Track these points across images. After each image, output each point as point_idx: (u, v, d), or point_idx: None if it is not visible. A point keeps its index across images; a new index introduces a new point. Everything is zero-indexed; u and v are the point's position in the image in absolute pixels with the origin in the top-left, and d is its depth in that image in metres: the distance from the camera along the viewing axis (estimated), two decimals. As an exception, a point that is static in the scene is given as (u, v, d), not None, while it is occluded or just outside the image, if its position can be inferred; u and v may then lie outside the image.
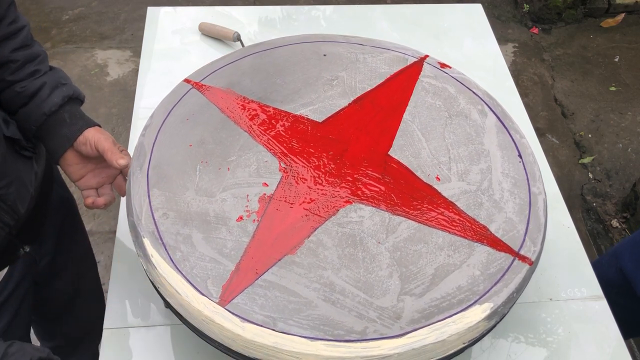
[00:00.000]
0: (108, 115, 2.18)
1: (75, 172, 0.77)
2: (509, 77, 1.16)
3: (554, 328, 0.81)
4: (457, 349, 0.61)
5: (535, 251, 0.67)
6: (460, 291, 0.63)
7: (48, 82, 0.74)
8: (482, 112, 0.82)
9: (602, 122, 2.22)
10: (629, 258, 1.06)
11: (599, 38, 2.59)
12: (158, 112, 0.78)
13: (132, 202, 0.68)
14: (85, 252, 1.08)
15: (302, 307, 0.61)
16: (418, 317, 0.61)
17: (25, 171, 0.77)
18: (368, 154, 0.76)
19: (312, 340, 0.58)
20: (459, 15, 1.31)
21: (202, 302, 0.60)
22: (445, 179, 0.73)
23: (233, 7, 1.30)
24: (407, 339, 0.59)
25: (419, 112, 0.81)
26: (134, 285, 0.82)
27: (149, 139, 0.75)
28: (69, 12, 2.60)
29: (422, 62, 0.88)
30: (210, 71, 0.84)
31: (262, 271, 0.63)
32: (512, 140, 0.78)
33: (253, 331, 0.58)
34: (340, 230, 0.67)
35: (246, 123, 0.78)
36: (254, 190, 0.70)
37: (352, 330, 0.59)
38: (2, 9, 0.72)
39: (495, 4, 2.67)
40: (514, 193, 0.72)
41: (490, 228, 0.69)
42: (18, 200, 0.75)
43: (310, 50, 0.89)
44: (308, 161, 0.74)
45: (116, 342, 0.77)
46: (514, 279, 0.64)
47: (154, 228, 0.66)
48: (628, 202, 1.94)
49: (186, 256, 0.64)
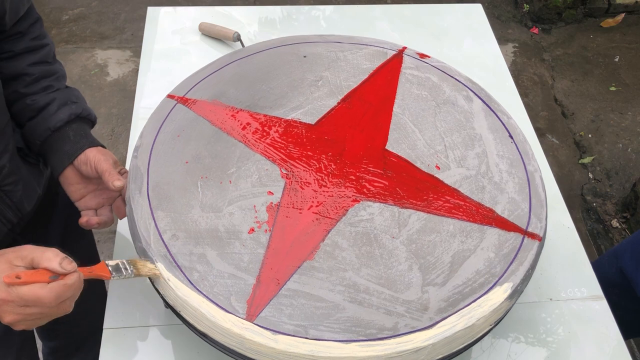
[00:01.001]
0: (108, 115, 2.17)
1: (76, 192, 0.76)
2: (509, 77, 1.16)
3: (554, 328, 0.81)
4: (484, 332, 0.63)
5: (541, 227, 0.69)
6: (479, 275, 0.64)
7: (58, 98, 0.75)
8: (468, 97, 0.84)
9: (602, 122, 2.21)
10: (630, 258, 1.05)
11: (599, 38, 2.58)
12: (147, 131, 0.76)
13: (137, 227, 0.66)
14: (90, 253, 1.07)
15: (330, 312, 0.60)
16: (444, 305, 0.61)
17: (33, 173, 0.78)
18: (366, 150, 0.76)
19: (346, 342, 0.58)
20: (459, 15, 1.31)
21: (230, 320, 0.59)
22: (444, 167, 0.75)
23: (233, 7, 1.30)
24: (438, 329, 0.60)
25: (408, 104, 0.82)
26: (134, 285, 0.81)
27: (142, 160, 0.72)
28: (69, 12, 2.60)
29: (401, 55, 0.89)
30: (193, 84, 0.82)
31: (284, 280, 0.63)
32: (500, 122, 0.80)
33: (286, 342, 0.58)
34: (353, 229, 0.67)
35: (239, 133, 0.76)
36: (260, 200, 0.70)
37: (383, 327, 0.59)
38: (26, 25, 0.76)
39: (495, 4, 2.67)
40: (512, 173, 0.74)
41: (496, 210, 0.70)
42: (25, 199, 0.75)
43: (289, 52, 0.88)
44: (308, 165, 0.74)
45: (116, 342, 0.76)
46: (527, 256, 0.66)
47: (165, 251, 0.64)
48: (628, 202, 1.92)
49: (204, 275, 0.62)
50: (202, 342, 0.63)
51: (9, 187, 0.72)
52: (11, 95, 0.74)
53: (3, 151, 0.70)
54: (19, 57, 0.75)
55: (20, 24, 0.75)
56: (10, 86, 0.74)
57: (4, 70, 0.73)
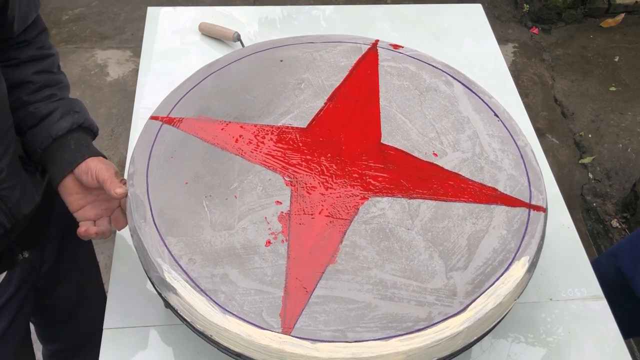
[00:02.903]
0: (108, 115, 2.17)
1: (75, 202, 0.74)
2: (509, 77, 1.17)
3: (554, 328, 0.81)
4: (510, 307, 0.65)
5: (543, 199, 0.72)
6: (496, 253, 0.66)
7: (61, 107, 0.75)
8: (448, 82, 0.85)
9: (602, 122, 2.20)
10: (628, 257, 1.05)
11: (599, 38, 2.58)
12: (138, 156, 0.73)
13: (150, 256, 0.64)
14: (89, 259, 1.07)
15: (363, 312, 0.61)
16: (471, 288, 0.63)
17: (31, 180, 0.77)
18: (363, 147, 0.76)
19: (386, 340, 0.58)
20: (459, 15, 1.31)
21: (267, 336, 0.58)
22: (441, 153, 0.76)
23: (233, 7, 1.30)
24: (470, 312, 0.61)
25: (392, 95, 0.83)
26: (134, 285, 0.82)
27: (140, 187, 0.70)
28: (69, 12, 2.60)
29: (375, 48, 0.90)
30: (175, 102, 0.80)
31: (312, 288, 0.62)
32: (484, 103, 0.83)
33: (327, 349, 0.58)
34: (368, 227, 0.68)
35: (234, 146, 0.75)
36: (270, 211, 0.69)
37: (418, 319, 0.60)
38: (33, 34, 0.76)
39: (495, 4, 2.66)
40: (505, 150, 0.77)
41: (498, 188, 0.72)
42: (22, 204, 0.74)
43: (265, 58, 0.87)
44: (310, 169, 0.73)
45: (116, 342, 0.76)
46: (537, 228, 0.69)
47: (185, 277, 0.62)
48: (628, 202, 1.92)
49: (231, 296, 0.61)
50: (202, 342, 0.62)
51: (5, 191, 0.71)
52: (14, 102, 0.74)
53: (3, 154, 0.69)
54: (24, 65, 0.75)
55: (28, 32, 0.76)
56: (13, 93, 0.74)
57: (9, 77, 0.73)
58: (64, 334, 1.10)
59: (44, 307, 0.97)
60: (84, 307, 1.05)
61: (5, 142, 0.70)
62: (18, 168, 0.74)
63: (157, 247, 0.65)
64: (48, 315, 1.02)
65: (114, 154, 2.04)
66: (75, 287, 1.01)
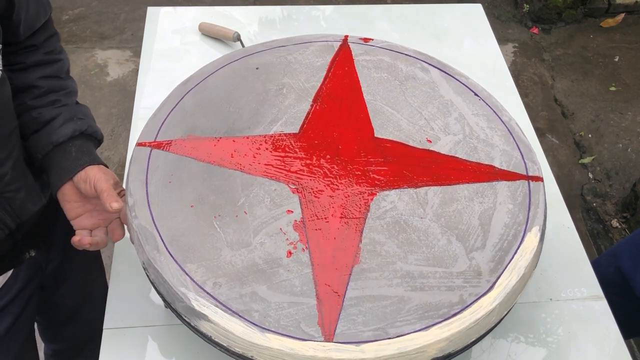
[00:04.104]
0: (108, 115, 2.16)
1: (72, 210, 0.73)
2: (509, 77, 1.17)
3: (554, 328, 0.81)
4: (530, 278, 0.67)
5: (538, 168, 0.75)
6: (509, 228, 0.68)
7: (64, 113, 0.74)
8: (424, 69, 0.87)
9: (602, 122, 2.20)
10: (628, 257, 1.05)
11: (599, 38, 2.57)
12: (135, 187, 0.70)
13: (173, 287, 0.62)
14: (94, 259, 1.06)
15: (399, 306, 0.61)
16: (493, 265, 0.65)
17: (38, 182, 0.77)
18: (359, 143, 0.77)
19: (427, 329, 0.59)
20: (458, 15, 1.31)
21: (311, 347, 0.58)
22: (434, 139, 0.78)
23: (233, 7, 1.30)
24: (498, 288, 0.63)
25: (374, 89, 0.84)
26: (134, 285, 0.81)
27: (145, 218, 0.67)
28: (69, 12, 2.59)
29: (347, 43, 0.90)
30: (159, 125, 0.77)
31: (343, 291, 0.62)
32: (462, 84, 0.85)
33: (373, 349, 0.58)
34: (382, 222, 0.68)
35: (231, 162, 0.74)
36: (283, 221, 0.68)
37: (452, 303, 0.61)
38: (41, 38, 0.75)
39: (495, 4, 2.66)
40: (492, 127, 0.79)
41: (494, 164, 0.75)
42: (27, 206, 0.74)
43: (240, 68, 0.86)
44: (312, 173, 0.73)
45: (116, 342, 0.76)
46: (539, 198, 0.71)
47: (215, 302, 0.61)
48: (628, 202, 1.91)
49: (265, 313, 0.60)
50: (202, 342, 0.62)
51: (9, 194, 0.71)
52: (19, 107, 0.73)
53: (6, 158, 0.68)
54: (30, 70, 0.74)
55: (36, 37, 0.75)
56: (18, 97, 0.73)
57: (14, 81, 0.72)
58: (67, 333, 1.09)
59: (48, 305, 0.97)
60: (87, 307, 1.05)
61: (8, 146, 0.68)
62: (23, 170, 0.73)
63: (177, 276, 0.63)
64: (52, 314, 1.02)
65: (114, 154, 2.01)
66: (79, 286, 1.01)
